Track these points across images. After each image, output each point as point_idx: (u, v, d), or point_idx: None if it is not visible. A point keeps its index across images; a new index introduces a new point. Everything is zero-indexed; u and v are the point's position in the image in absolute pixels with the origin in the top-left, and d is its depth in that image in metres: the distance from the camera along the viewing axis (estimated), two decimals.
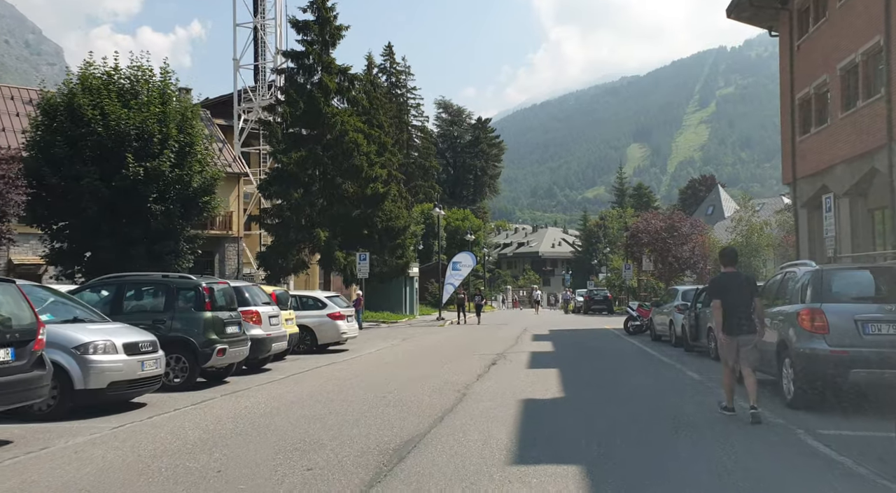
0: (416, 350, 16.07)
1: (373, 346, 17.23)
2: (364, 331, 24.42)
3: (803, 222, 22.96)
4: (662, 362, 12.75)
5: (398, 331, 23.95)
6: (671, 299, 16.62)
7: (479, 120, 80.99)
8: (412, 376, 10.86)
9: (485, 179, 79.32)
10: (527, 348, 15.80)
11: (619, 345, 17.10)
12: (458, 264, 31.20)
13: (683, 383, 9.84)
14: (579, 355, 14.63)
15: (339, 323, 15.52)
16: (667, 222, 37.84)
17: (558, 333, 22.09)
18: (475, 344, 17.34)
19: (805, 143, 22.20)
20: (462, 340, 19.28)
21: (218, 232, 34.88)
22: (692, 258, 37.30)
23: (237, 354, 10.24)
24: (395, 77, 75.59)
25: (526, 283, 79.22)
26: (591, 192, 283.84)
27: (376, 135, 33.52)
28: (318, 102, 31.14)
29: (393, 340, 19.32)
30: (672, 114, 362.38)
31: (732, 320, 6.91)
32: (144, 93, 21.54)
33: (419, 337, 20.79)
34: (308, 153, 30.84)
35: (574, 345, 17.26)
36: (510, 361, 12.95)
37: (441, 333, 22.88)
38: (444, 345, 17.50)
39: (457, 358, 13.60)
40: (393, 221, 31.71)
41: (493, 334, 21.55)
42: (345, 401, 8.38)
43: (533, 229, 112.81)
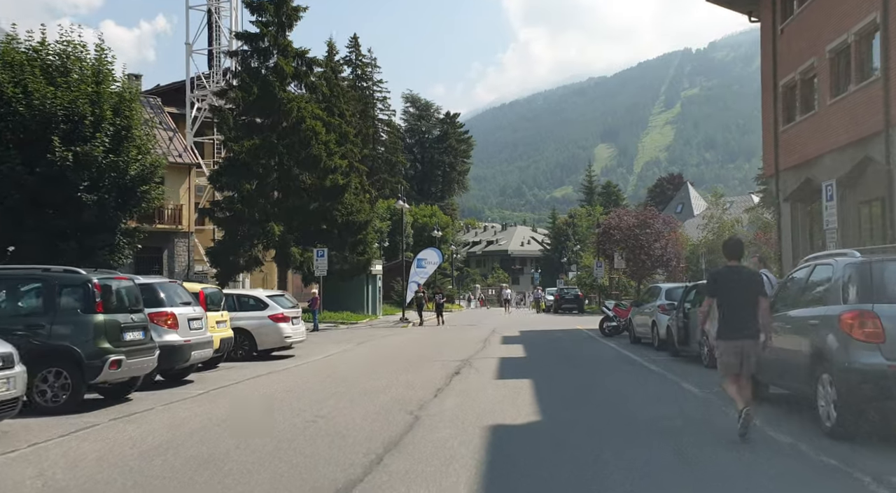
0: (370, 356, 14.24)
1: (323, 351, 15.33)
2: (319, 333, 22.48)
3: (786, 217, 21.78)
4: (650, 370, 11.15)
5: (356, 333, 22.07)
6: (653, 298, 15.11)
7: (447, 115, 79.28)
8: (358, 390, 9.05)
9: (453, 176, 77.66)
10: (495, 353, 14.10)
11: (597, 349, 15.51)
12: (424, 260, 29.42)
13: (684, 400, 8.22)
14: (554, 361, 12.98)
15: (281, 326, 13.59)
16: (639, 219, 36.63)
17: (529, 334, 20.48)
18: (438, 348, 15.57)
19: (789, 132, 20.99)
20: (424, 343, 17.51)
21: (166, 227, 32.48)
22: (664, 256, 36.18)
23: (140, 366, 8.29)
24: (360, 69, 73.43)
25: (495, 281, 77.82)
26: (559, 191, 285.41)
27: (336, 123, 31.53)
28: (273, 86, 29.03)
29: (347, 344, 17.44)
30: (638, 115, 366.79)
31: (733, 322, 5.98)
32: (76, 71, 19.46)
33: (377, 340, 18.95)
34: (262, 142, 28.71)
35: (547, 349, 15.64)
36: (476, 369, 11.22)
37: (402, 335, 21.07)
38: (404, 350, 15.70)
39: (415, 366, 11.81)
40: (354, 216, 29.78)
41: (458, 337, 19.83)
42: (262, 429, 6.54)
43: (502, 228, 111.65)
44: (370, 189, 36.01)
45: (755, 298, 6.03)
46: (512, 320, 31.72)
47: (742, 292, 6.01)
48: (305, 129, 28.70)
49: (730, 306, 6.01)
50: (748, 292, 6.01)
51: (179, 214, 33.36)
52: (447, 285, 52.93)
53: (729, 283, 6.08)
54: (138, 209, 21.65)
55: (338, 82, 38.81)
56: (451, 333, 22.08)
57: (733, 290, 6.02)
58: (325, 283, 31.23)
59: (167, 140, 34.39)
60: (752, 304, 6.01)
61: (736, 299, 6.00)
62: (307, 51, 30.43)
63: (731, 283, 6.07)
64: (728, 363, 6.05)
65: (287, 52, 29.88)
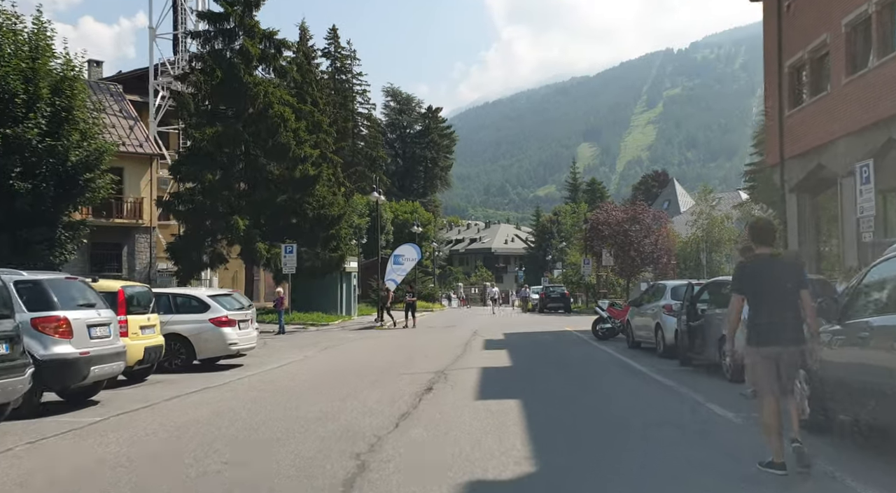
0: (331, 366, 12.24)
1: (279, 359, 13.32)
2: (284, 336, 20.42)
3: (792, 208, 20.14)
4: (662, 385, 9.26)
5: (324, 336, 20.04)
6: (656, 298, 13.30)
7: (429, 109, 77.22)
8: (300, 416, 7.08)
9: (436, 171, 75.65)
10: (476, 362, 12.18)
11: (594, 356, 13.62)
12: (401, 257, 27.42)
13: (721, 430, 6.35)
14: (545, 371, 11.07)
15: (225, 331, 11.55)
16: (629, 214, 34.93)
17: (514, 337, 18.60)
18: (411, 355, 13.62)
19: (796, 117, 19.33)
20: (396, 349, 15.54)
21: (126, 221, 30.20)
22: (655, 252, 34.52)
23: (2, 390, 6.24)
24: (339, 62, 71.21)
25: (478, 280, 75.99)
26: (542, 190, 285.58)
27: (308, 111, 29.42)
28: (237, 70, 26.87)
29: (311, 349, 15.42)
30: (620, 114, 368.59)
31: (767, 324, 4.76)
32: (9, 45, 17.37)
33: (345, 345, 16.94)
34: (225, 129, 26.54)
35: (536, 355, 13.75)
36: (452, 384, 9.29)
37: (374, 339, 19.07)
38: (372, 357, 13.72)
39: (380, 380, 9.87)
40: (326, 209, 27.71)
41: (436, 340, 17.89)
42: (137, 488, 4.55)
43: (486, 225, 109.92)
44: (345, 182, 33.93)
45: (796, 292, 4.79)
46: (496, 320, 29.85)
47: (778, 286, 4.79)
48: (273, 115, 26.57)
49: (763, 303, 4.78)
50: (787, 286, 4.79)
51: (140, 208, 31.11)
52: (429, 283, 50.96)
53: (760, 274, 4.86)
54: (82, 200, 19.64)
55: (310, 68, 36.63)
56: (427, 336, 20.14)
57: (766, 283, 4.80)
58: (296, 281, 29.13)
59: (127, 129, 32.11)
60: (793, 300, 4.77)
61: (771, 295, 4.78)
62: (275, 32, 28.29)
63: (763, 274, 4.85)
64: (761, 378, 4.75)
65: (253, 34, 27.73)
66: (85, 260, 29.41)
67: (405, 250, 27.79)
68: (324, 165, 27.44)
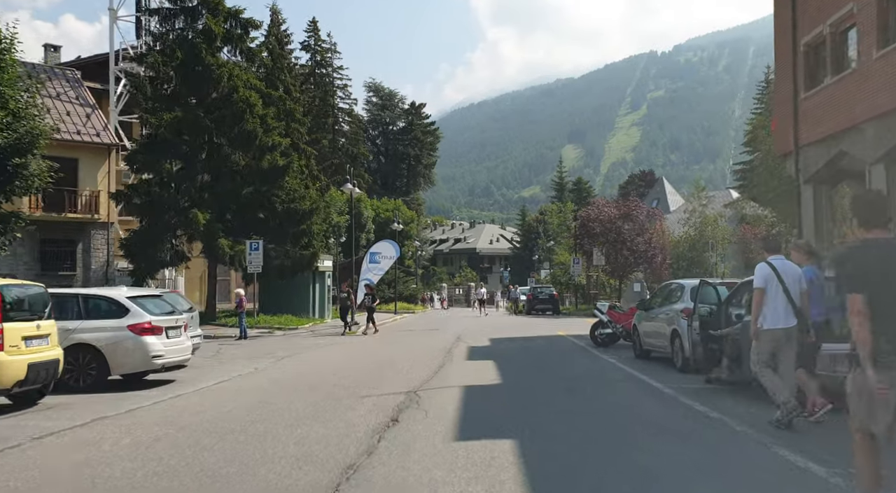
0: (280, 383, 10.03)
1: (223, 372, 11.10)
2: (244, 342, 18.17)
3: (808, 201, 18.25)
4: (700, 414, 7.15)
5: (288, 342, 17.80)
6: (670, 300, 11.26)
7: (412, 105, 75.02)
8: (196, 475, 4.89)
9: (419, 169, 73.46)
10: (458, 378, 10.05)
11: (598, 368, 11.48)
12: (377, 254, 25.20)
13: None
14: (544, 392, 8.92)
15: (147, 341, 9.31)
16: (621, 211, 33.00)
17: (502, 344, 16.49)
18: (380, 368, 11.46)
19: (813, 99, 17.43)
20: (364, 359, 13.36)
21: (80, 216, 27.66)
22: (649, 251, 32.64)
23: None
24: (319, 55, 68.84)
25: (462, 280, 73.87)
26: (527, 191, 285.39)
27: (278, 97, 27.13)
28: (199, 50, 24.52)
29: (265, 359, 13.19)
30: (605, 116, 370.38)
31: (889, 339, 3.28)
32: None
33: (308, 353, 14.74)
34: (186, 115, 24.19)
35: (530, 368, 11.63)
36: (426, 412, 7.15)
37: (343, 345, 16.88)
38: (334, 370, 11.53)
39: (333, 406, 7.71)
40: (297, 202, 25.44)
41: (414, 347, 15.74)
42: None
43: (470, 225, 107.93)
44: (320, 175, 31.64)
45: None
46: (481, 323, 27.75)
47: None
48: (238, 100, 24.26)
49: (884, 308, 3.35)
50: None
51: (96, 202, 28.61)
52: (411, 283, 48.77)
53: (883, 266, 3.43)
54: (13, 188, 17.36)
55: (283, 54, 34.28)
56: (405, 342, 17.98)
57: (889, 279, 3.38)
58: (264, 281, 26.86)
59: (84, 117, 29.61)
60: None
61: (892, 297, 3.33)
62: (241, 10, 25.97)
63: (886, 266, 3.43)
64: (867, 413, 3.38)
65: (217, 12, 25.39)
66: (34, 259, 26.89)
67: (382, 248, 25.57)
68: (294, 155, 25.16)
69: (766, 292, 6.35)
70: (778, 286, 6.35)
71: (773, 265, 6.49)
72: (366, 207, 58.10)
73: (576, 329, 21.79)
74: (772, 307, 6.33)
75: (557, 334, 19.92)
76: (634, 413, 7.18)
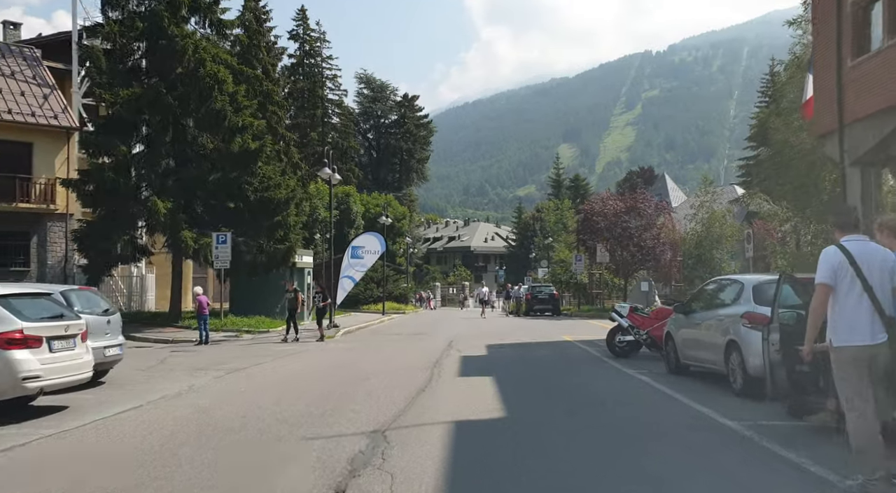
0: (203, 414, 7.39)
1: (142, 394, 8.51)
2: (202, 348, 15.56)
3: (854, 185, 15.72)
4: (819, 480, 4.63)
5: (249, 350, 15.19)
6: (720, 301, 8.72)
7: (405, 97, 72.35)
8: None
9: (412, 164, 70.82)
10: (444, 409, 7.41)
11: (633, 393, 8.70)
12: (360, 249, 22.57)
13: None
14: (570, 435, 6.33)
15: (14, 356, 6.69)
16: (628, 204, 30.48)
17: (501, 353, 13.94)
18: (347, 389, 8.87)
19: (863, 68, 14.90)
20: (331, 374, 10.77)
21: (34, 206, 24.92)
22: (657, 247, 30.13)
23: None
24: (308, 44, 66.21)
25: (456, 279, 71.28)
26: (522, 190, 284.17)
27: (252, 75, 24.48)
28: (162, 20, 21.88)
29: (205, 374, 10.58)
30: (600, 115, 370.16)
31: None
32: None
33: (264, 365, 12.12)
34: (146, 91, 21.55)
35: (541, 389, 9.06)
36: (391, 477, 4.56)
37: (310, 355, 14.28)
38: (284, 392, 8.92)
39: (261, 456, 5.14)
40: (272, 191, 22.81)
41: (395, 358, 13.16)
42: None
43: (465, 223, 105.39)
44: (301, 163, 28.94)
45: None
46: (477, 326, 25.19)
47: None
48: (205, 75, 21.60)
49: None
50: None
51: (53, 191, 25.92)
52: (402, 282, 46.17)
53: None
54: None
55: (261, 31, 31.53)
56: (385, 351, 15.39)
57: None
58: (235, 278, 24.28)
59: (41, 98, 26.91)
60: None
61: None
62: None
63: None
64: None
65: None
66: None
67: (366, 241, 22.92)
68: (268, 137, 22.51)
69: (836, 289, 4.17)
70: (854, 281, 4.13)
71: (847, 250, 4.13)
72: (355, 201, 55.44)
73: (583, 333, 19.27)
74: (847, 313, 4.15)
75: (563, 340, 17.39)
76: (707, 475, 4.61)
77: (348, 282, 21.77)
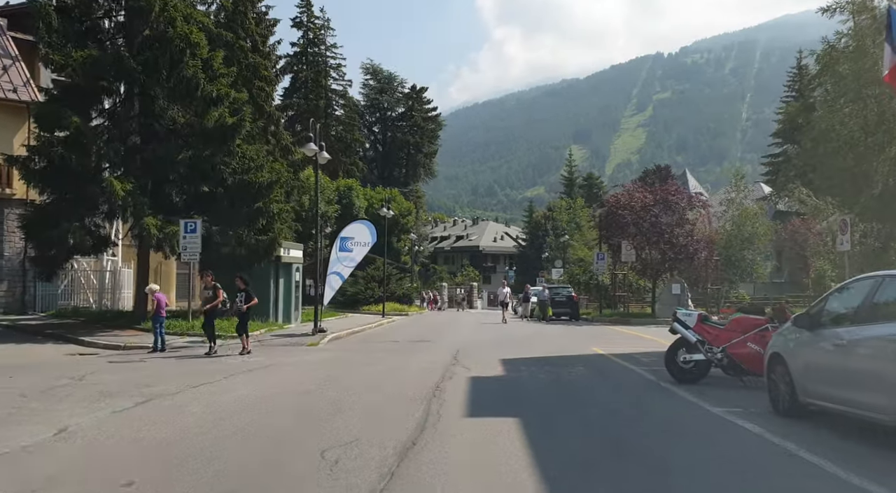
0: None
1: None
2: (148, 359, 12.42)
3: None
4: None
5: (200, 364, 12.02)
6: (885, 314, 5.48)
7: (413, 89, 69.16)
8: None
9: (419, 158, 67.61)
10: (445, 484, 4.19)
11: (746, 455, 5.46)
12: (349, 240, 19.34)
13: None
14: None
15: None
16: (658, 196, 27.10)
17: (522, 373, 10.68)
18: (291, 447, 5.62)
19: None
20: (280, 411, 7.51)
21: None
22: (691, 246, 26.77)
23: None
24: (312, 33, 63.23)
25: (464, 280, 67.96)
26: (531, 191, 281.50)
27: (232, 40, 21.34)
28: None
29: (106, 406, 7.38)
30: (610, 117, 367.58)
31: None
32: None
33: (202, 389, 8.93)
34: (104, 54, 18.48)
35: (592, 444, 5.78)
36: None
37: (275, 372, 11.07)
38: (196, 446, 5.68)
39: None
40: (252, 174, 19.67)
41: (382, 380, 9.92)
42: None
43: (473, 222, 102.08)
44: (293, 145, 25.72)
45: None
46: (486, 333, 21.96)
47: None
48: (174, 37, 18.49)
49: None
50: None
51: (9, 174, 22.98)
52: (406, 282, 42.95)
53: None
54: None
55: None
56: (372, 367, 12.14)
57: None
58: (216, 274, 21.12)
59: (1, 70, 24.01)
60: None
61: None
62: None
63: None
64: None
65: None
66: None
67: (355, 231, 19.66)
68: (247, 109, 19.35)
69: None
70: None
71: None
72: (357, 196, 52.32)
73: (615, 344, 16.00)
74: None
75: (595, 353, 14.11)
76: None
77: (336, 279, 18.56)
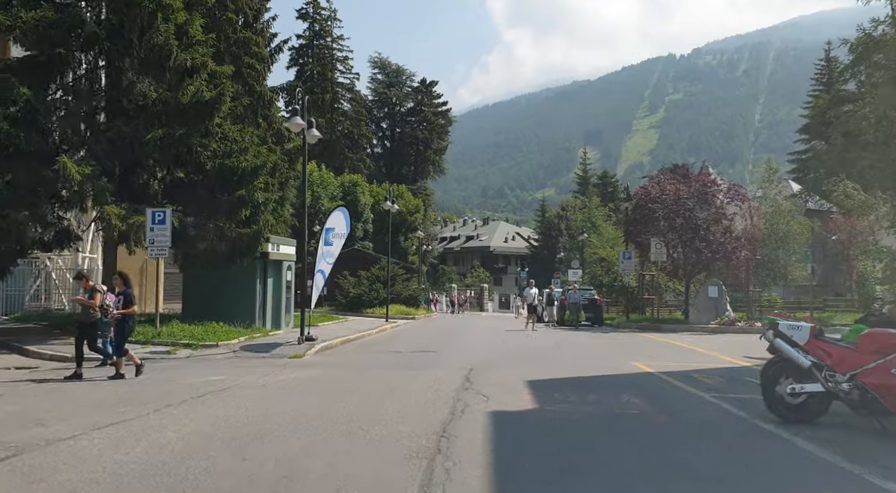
0: None
1: None
2: (89, 376, 9.80)
3: None
4: None
5: (153, 385, 9.39)
6: None
7: (422, 82, 66.55)
8: None
9: (428, 155, 64.98)
10: None
11: None
12: (331, 232, 16.71)
13: None
14: None
15: None
16: (693, 187, 24.25)
17: (559, 406, 7.93)
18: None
19: None
20: (204, 475, 4.83)
21: None
22: (728, 243, 23.90)
23: None
24: (318, 25, 60.84)
25: (474, 281, 65.17)
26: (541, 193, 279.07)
27: (211, 2, 18.76)
28: None
29: None
30: (622, 118, 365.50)
31: None
32: None
33: (112, 429, 6.25)
34: (61, 16, 15.98)
35: None
36: None
37: (234, 400, 8.36)
38: None
39: None
40: (234, 157, 17.08)
41: (365, 416, 7.21)
42: None
43: (483, 222, 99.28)
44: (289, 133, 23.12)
45: None
46: (504, 343, 19.21)
47: None
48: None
49: None
50: None
51: None
52: (412, 283, 40.26)
53: None
54: None
55: None
56: (359, 391, 9.38)
57: None
58: (189, 273, 18.68)
59: None
60: None
61: None
62: None
63: None
64: None
65: None
66: None
67: (335, 221, 16.97)
68: (227, 82, 16.77)
69: None
70: None
71: None
72: (363, 192, 49.72)
73: (661, 358, 13.23)
74: None
75: (641, 371, 11.34)
76: None
77: (320, 278, 15.91)
